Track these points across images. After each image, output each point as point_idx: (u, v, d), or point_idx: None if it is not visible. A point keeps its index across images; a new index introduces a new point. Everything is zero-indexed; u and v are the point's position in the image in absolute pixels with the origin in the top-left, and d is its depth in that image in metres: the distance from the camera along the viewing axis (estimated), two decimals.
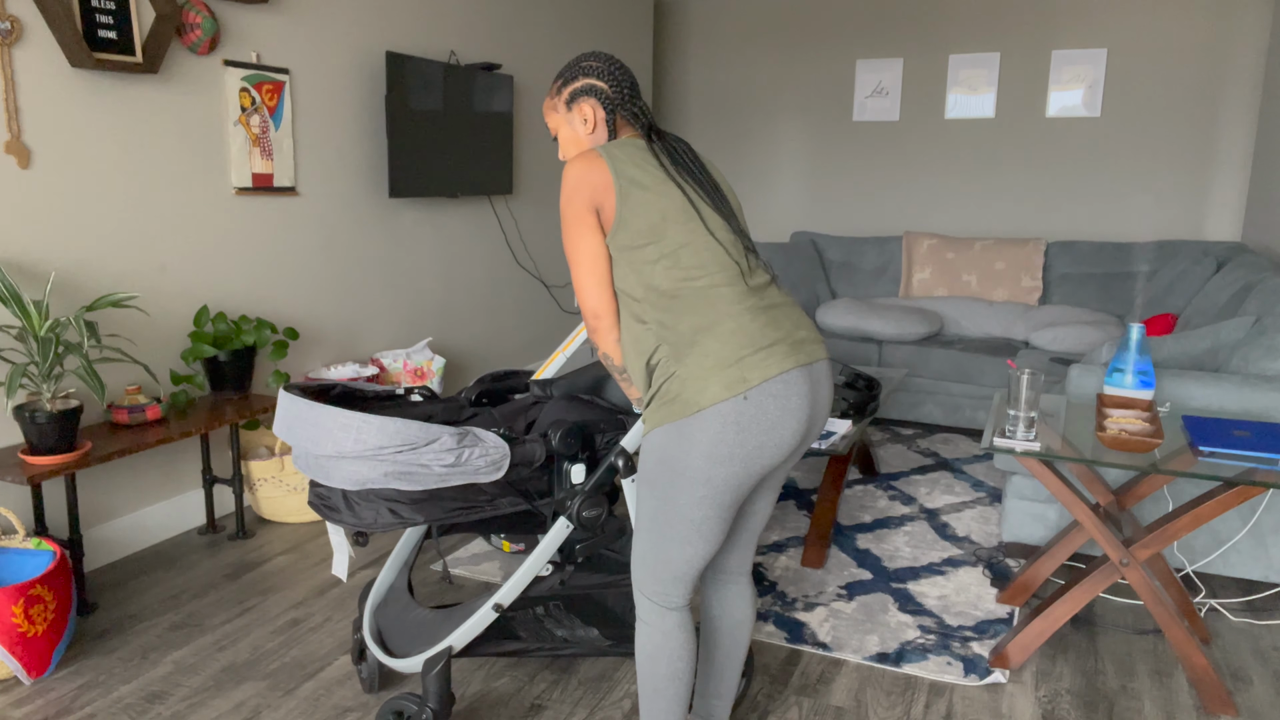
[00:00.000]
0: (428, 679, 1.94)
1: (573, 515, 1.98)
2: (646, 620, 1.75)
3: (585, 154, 1.70)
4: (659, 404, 1.65)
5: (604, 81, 1.82)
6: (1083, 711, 2.25)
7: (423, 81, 4.10)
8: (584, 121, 1.83)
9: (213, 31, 3.17)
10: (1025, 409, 2.17)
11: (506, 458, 1.84)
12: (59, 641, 2.36)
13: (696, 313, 1.64)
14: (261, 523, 3.38)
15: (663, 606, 1.73)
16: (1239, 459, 2.08)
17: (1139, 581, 2.24)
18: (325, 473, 1.76)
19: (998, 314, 5.03)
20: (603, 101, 1.82)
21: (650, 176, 1.70)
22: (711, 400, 1.58)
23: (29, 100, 2.69)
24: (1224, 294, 3.59)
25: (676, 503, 1.65)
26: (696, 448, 1.60)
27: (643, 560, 1.74)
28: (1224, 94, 5.75)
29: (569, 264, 1.73)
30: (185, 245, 3.21)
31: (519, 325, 5.29)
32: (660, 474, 1.66)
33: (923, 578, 2.96)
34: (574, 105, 1.83)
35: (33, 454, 2.52)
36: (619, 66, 1.85)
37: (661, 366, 1.65)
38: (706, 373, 1.60)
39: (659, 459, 1.65)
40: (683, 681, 1.76)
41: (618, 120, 1.83)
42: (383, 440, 1.71)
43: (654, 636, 1.74)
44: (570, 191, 1.68)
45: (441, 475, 1.77)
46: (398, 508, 1.78)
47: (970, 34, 6.34)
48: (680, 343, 1.63)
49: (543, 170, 5.39)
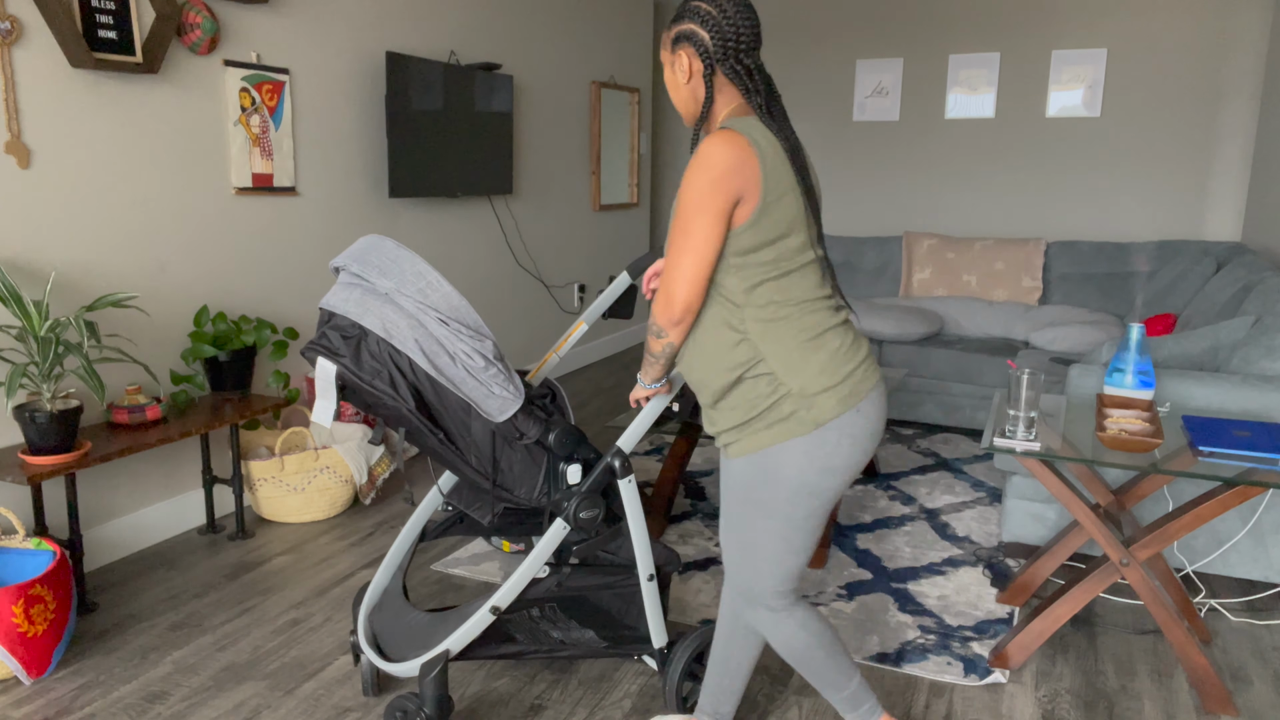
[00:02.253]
0: (424, 683, 1.92)
1: (569, 516, 1.97)
2: (780, 625, 1.79)
3: (735, 140, 1.54)
4: (768, 422, 1.64)
5: (707, 31, 1.61)
6: (1083, 711, 2.25)
7: (423, 81, 4.10)
8: (682, 69, 1.67)
9: (213, 31, 3.17)
10: (1025, 409, 2.17)
11: (516, 406, 1.82)
12: (59, 641, 2.36)
13: (803, 328, 1.63)
14: (261, 523, 3.38)
15: (788, 607, 1.79)
16: (1239, 459, 2.08)
17: (1139, 581, 2.24)
18: (362, 308, 1.76)
19: (998, 314, 5.03)
20: (701, 54, 1.63)
21: (787, 180, 1.59)
22: (831, 416, 1.62)
23: (29, 100, 2.69)
24: (1224, 294, 3.59)
25: (791, 517, 1.68)
26: (814, 463, 1.63)
27: (759, 576, 1.75)
28: (1224, 94, 5.75)
29: (673, 246, 1.58)
30: (185, 245, 3.21)
31: (519, 325, 5.29)
32: (776, 491, 1.67)
33: (923, 578, 2.96)
34: (676, 49, 1.67)
35: (33, 454, 2.52)
36: (735, 12, 1.61)
37: (765, 382, 1.63)
38: (823, 389, 1.62)
39: (773, 478, 1.66)
40: (836, 644, 1.84)
41: (717, 77, 1.65)
42: (442, 305, 1.73)
43: (797, 634, 1.80)
44: (717, 176, 1.53)
45: (456, 374, 1.76)
46: (397, 384, 1.76)
47: (970, 34, 6.34)
48: (789, 358, 1.62)
49: (543, 170, 5.39)
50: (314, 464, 3.32)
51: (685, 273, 1.57)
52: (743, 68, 1.63)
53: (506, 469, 1.93)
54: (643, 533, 2.06)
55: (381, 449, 3.57)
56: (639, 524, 2.05)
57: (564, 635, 2.11)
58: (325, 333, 1.81)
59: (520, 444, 1.91)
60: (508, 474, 1.94)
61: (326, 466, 3.35)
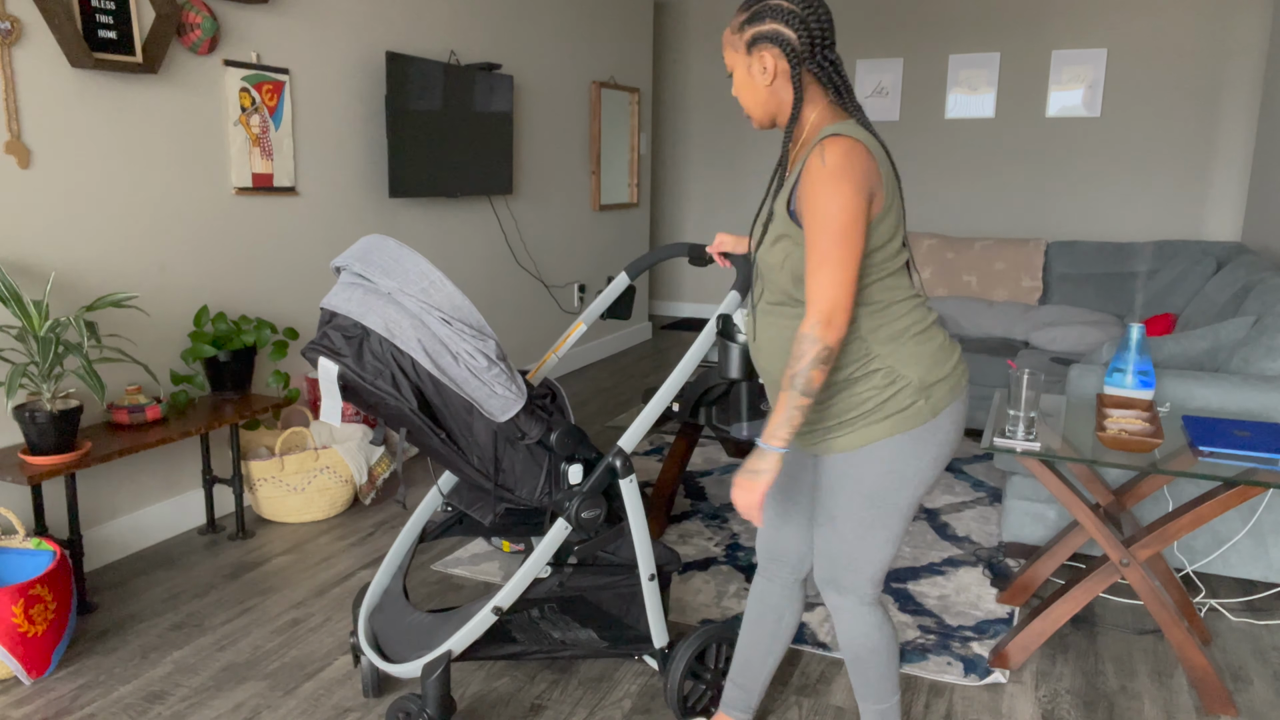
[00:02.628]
0: (427, 684, 1.92)
1: (571, 516, 1.96)
2: (863, 620, 1.80)
3: (860, 147, 1.56)
4: (887, 414, 1.65)
5: (793, 30, 1.61)
6: (1083, 711, 2.25)
7: (423, 81, 4.10)
8: (763, 71, 1.65)
9: (213, 31, 3.17)
10: (1025, 409, 2.17)
11: (519, 406, 1.82)
12: (59, 641, 2.36)
13: (913, 323, 1.67)
14: (261, 523, 3.38)
15: (877, 601, 1.81)
16: (1239, 459, 2.08)
17: (1139, 581, 2.24)
18: (365, 308, 1.76)
19: (998, 314, 5.03)
20: (788, 54, 1.62)
21: (893, 184, 1.63)
22: (945, 405, 1.68)
23: (29, 100, 2.69)
24: (1224, 294, 3.59)
25: (900, 507, 1.71)
26: (929, 451, 1.68)
27: (854, 567, 1.76)
28: (1224, 94, 5.75)
29: (828, 258, 1.55)
30: (185, 245, 3.21)
31: (519, 325, 5.29)
32: (889, 482, 1.69)
33: (923, 578, 2.96)
34: (754, 50, 1.64)
35: (33, 454, 2.52)
36: (818, 6, 1.62)
37: (880, 376, 1.65)
38: (938, 379, 1.67)
39: (889, 469, 1.68)
40: (897, 656, 1.87)
41: (804, 76, 1.64)
42: (444, 304, 1.73)
43: (874, 632, 1.81)
44: (859, 183, 1.54)
45: (459, 373, 1.75)
46: (399, 385, 1.75)
47: (970, 34, 6.33)
48: (904, 352, 1.66)
49: (543, 170, 5.39)
50: (314, 464, 3.32)
51: (846, 285, 1.56)
52: (829, 63, 1.64)
53: (508, 469, 1.92)
54: (644, 533, 2.07)
55: (381, 449, 3.57)
56: (640, 524, 2.05)
57: (564, 635, 2.11)
58: (327, 332, 1.80)
59: (522, 444, 1.90)
60: (509, 474, 1.93)
61: (326, 466, 3.35)
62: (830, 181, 1.53)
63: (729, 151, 7.44)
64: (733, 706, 2.07)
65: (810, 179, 1.56)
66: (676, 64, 7.49)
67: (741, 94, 1.71)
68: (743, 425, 3.05)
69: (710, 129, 7.46)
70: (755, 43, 1.63)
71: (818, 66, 1.64)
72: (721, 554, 3.12)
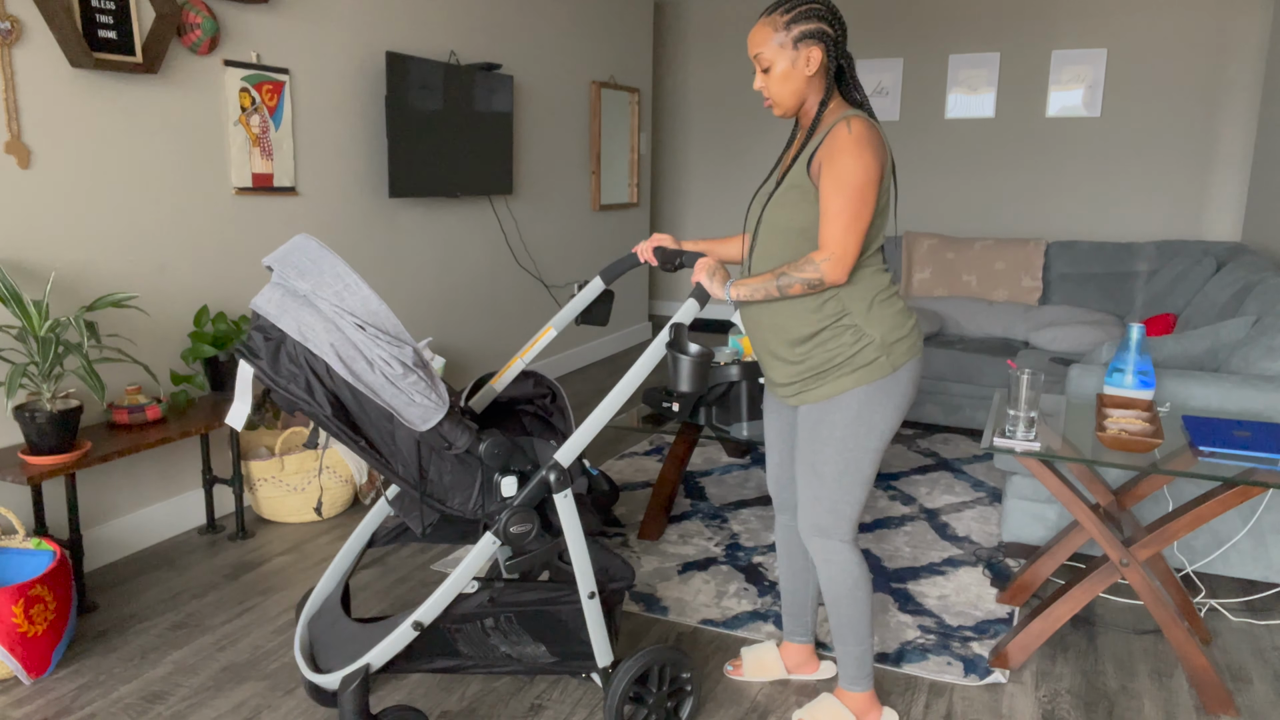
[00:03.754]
0: (343, 698, 1.82)
1: (499, 530, 1.87)
2: (843, 558, 2.01)
3: (873, 126, 1.81)
4: (853, 368, 1.88)
5: (832, 28, 1.85)
6: (1083, 711, 2.25)
7: (423, 81, 4.10)
8: (807, 64, 1.85)
9: (213, 31, 3.17)
10: (1025, 409, 2.17)
11: (438, 415, 1.75)
12: (59, 641, 2.36)
13: (878, 286, 1.91)
14: (261, 523, 3.38)
15: (855, 541, 2.03)
16: (1239, 459, 2.08)
17: (1139, 581, 2.24)
18: (280, 310, 1.70)
19: (998, 314, 5.03)
20: (829, 48, 1.85)
21: (890, 174, 1.90)
22: (904, 361, 1.91)
23: (29, 100, 2.69)
24: (1224, 294, 3.59)
25: (869, 451, 1.94)
26: (890, 401, 1.91)
27: (834, 509, 1.98)
28: (1224, 94, 5.75)
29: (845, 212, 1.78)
30: (185, 245, 3.21)
31: (519, 325, 5.29)
32: (857, 429, 1.92)
33: (923, 578, 2.96)
34: (801, 46, 1.84)
35: (33, 454, 2.52)
36: (838, 9, 1.93)
37: (850, 333, 1.88)
38: (898, 338, 1.90)
39: (855, 416, 1.91)
40: (872, 596, 2.09)
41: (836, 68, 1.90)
42: (359, 309, 1.67)
43: (853, 569, 2.02)
44: (878, 152, 1.80)
45: (374, 380, 1.70)
46: (313, 390, 1.69)
47: (970, 34, 6.33)
48: (871, 312, 1.89)
49: (543, 170, 5.39)
50: (314, 464, 3.32)
51: (859, 237, 1.80)
52: (849, 58, 1.91)
53: (436, 478, 1.84)
54: (582, 549, 1.96)
55: None
56: (578, 540, 1.95)
57: (512, 650, 2.01)
58: (251, 333, 1.73)
59: (450, 454, 1.83)
60: (438, 484, 1.85)
61: (326, 466, 3.35)
62: (855, 146, 1.76)
63: (729, 151, 7.44)
64: (792, 634, 2.35)
65: (837, 143, 1.78)
66: (676, 64, 7.49)
67: (779, 85, 1.89)
68: (743, 425, 3.06)
69: (710, 129, 7.46)
70: (803, 39, 1.83)
71: (845, 60, 1.89)
72: (721, 554, 3.12)
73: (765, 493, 3.70)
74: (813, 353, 1.91)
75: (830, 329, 1.89)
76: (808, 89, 1.89)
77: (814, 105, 1.92)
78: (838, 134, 1.79)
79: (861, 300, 1.88)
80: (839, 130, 1.79)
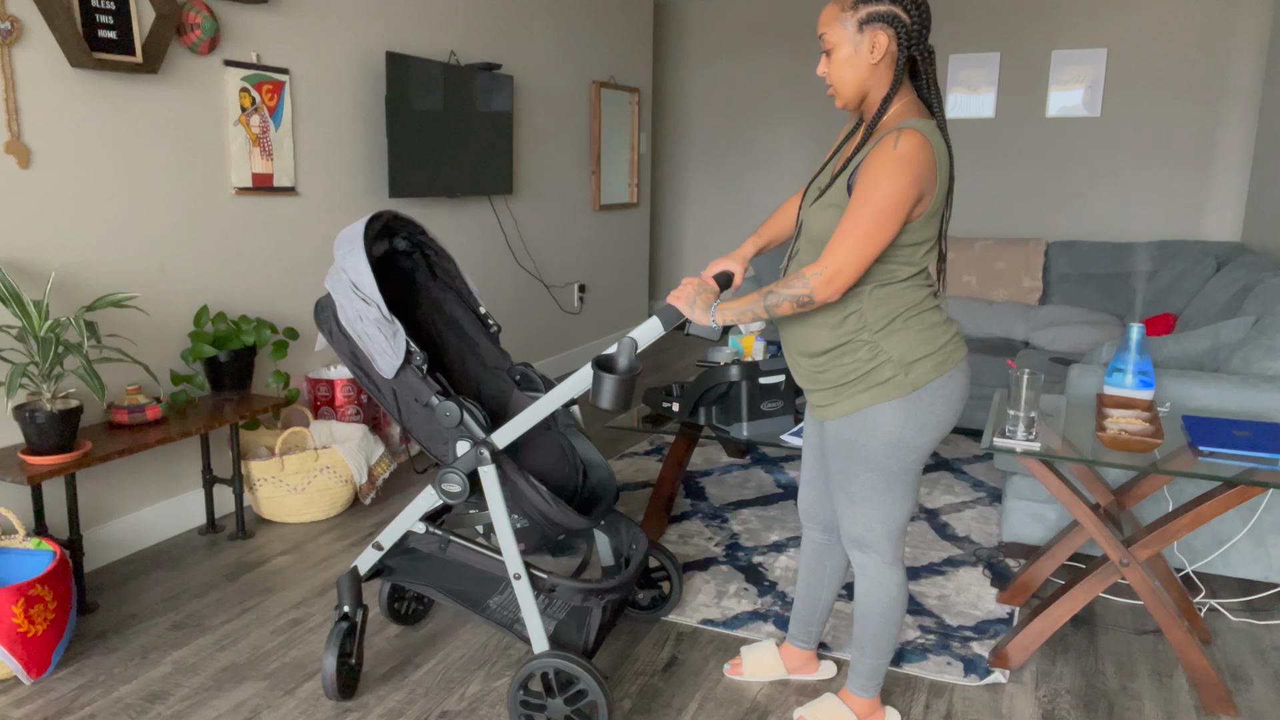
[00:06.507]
0: (339, 586, 2.24)
1: (435, 484, 2.08)
2: (881, 576, 1.97)
3: (928, 146, 1.66)
4: (868, 385, 1.81)
5: (908, 14, 1.67)
6: (1083, 711, 2.25)
7: (423, 81, 4.10)
8: (871, 50, 1.70)
9: (213, 31, 3.17)
10: (1025, 409, 2.17)
11: (398, 362, 2.01)
12: (59, 641, 2.36)
13: (906, 303, 1.80)
14: (261, 523, 3.38)
15: (897, 560, 1.97)
16: (1239, 459, 2.08)
17: (1139, 581, 2.24)
18: (329, 274, 2.09)
19: (998, 314, 5.03)
20: (900, 36, 1.68)
21: (945, 188, 1.75)
22: (926, 380, 1.80)
23: (29, 100, 2.69)
24: (1224, 294, 3.59)
25: (895, 471, 1.86)
26: (912, 420, 1.82)
27: (869, 526, 1.93)
28: (1224, 94, 5.75)
29: (857, 230, 1.66)
30: (185, 245, 3.21)
31: (519, 325, 5.29)
32: (876, 447, 1.84)
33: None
34: (867, 29, 1.68)
35: (33, 454, 2.52)
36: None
37: (866, 350, 1.81)
38: (920, 357, 1.80)
39: (872, 435, 1.83)
40: (902, 621, 2.10)
41: (908, 61, 1.73)
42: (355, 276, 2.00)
43: (891, 589, 1.98)
44: (918, 175, 1.65)
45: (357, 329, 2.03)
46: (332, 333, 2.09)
47: (970, 34, 6.33)
48: (889, 330, 1.80)
49: (543, 170, 5.39)
50: (314, 464, 3.32)
51: (862, 258, 1.68)
52: (929, 52, 1.72)
53: (415, 427, 2.10)
54: (506, 526, 2.07)
55: (381, 449, 3.57)
56: (501, 516, 2.06)
57: (496, 601, 2.23)
58: None
59: (418, 405, 2.07)
60: (418, 431, 2.11)
61: (326, 466, 3.35)
62: (894, 165, 1.63)
63: (729, 151, 7.44)
64: (795, 639, 2.33)
65: (878, 158, 1.65)
66: (676, 64, 7.48)
67: (840, 71, 1.74)
68: (743, 425, 3.05)
69: (710, 129, 7.46)
70: (870, 21, 1.68)
71: (920, 53, 1.71)
72: (721, 554, 3.12)
73: (765, 493, 3.70)
74: (830, 366, 1.85)
75: (849, 344, 1.82)
76: (871, 79, 1.73)
77: (877, 99, 1.76)
78: (883, 147, 1.65)
79: (883, 317, 1.79)
80: (885, 144, 1.65)
